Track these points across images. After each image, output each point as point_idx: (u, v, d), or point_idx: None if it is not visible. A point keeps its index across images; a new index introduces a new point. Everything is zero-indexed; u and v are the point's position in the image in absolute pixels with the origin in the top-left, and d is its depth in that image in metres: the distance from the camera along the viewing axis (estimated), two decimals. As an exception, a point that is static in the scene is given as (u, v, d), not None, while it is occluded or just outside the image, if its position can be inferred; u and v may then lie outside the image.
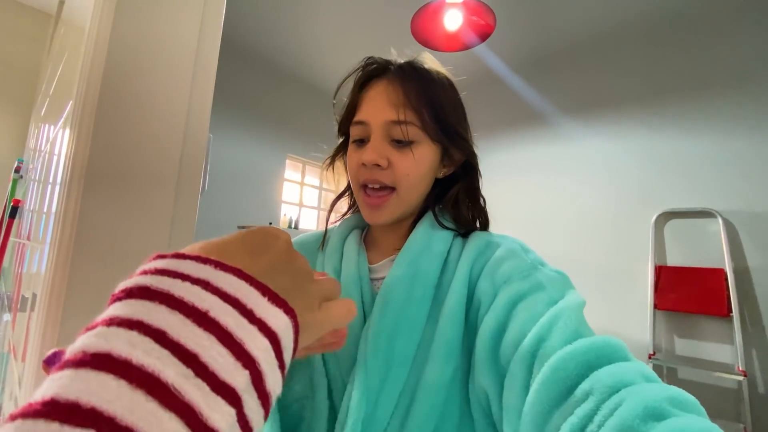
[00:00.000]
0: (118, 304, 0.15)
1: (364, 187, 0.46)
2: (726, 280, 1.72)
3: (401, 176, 0.44)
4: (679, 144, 1.97)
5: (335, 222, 0.56)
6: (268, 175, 2.83)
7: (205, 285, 0.16)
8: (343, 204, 0.57)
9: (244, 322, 0.16)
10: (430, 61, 0.49)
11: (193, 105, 0.76)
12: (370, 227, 0.54)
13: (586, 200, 2.24)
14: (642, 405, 0.23)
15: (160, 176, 0.70)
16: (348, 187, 0.55)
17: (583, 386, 0.27)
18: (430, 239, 0.45)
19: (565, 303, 0.34)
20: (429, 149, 0.46)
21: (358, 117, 0.47)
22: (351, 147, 0.49)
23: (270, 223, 2.74)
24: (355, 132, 0.47)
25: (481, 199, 0.51)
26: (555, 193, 2.34)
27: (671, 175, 1.97)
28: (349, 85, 0.51)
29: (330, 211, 0.55)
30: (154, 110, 0.69)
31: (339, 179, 0.55)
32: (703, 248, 1.84)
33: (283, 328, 0.18)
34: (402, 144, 0.45)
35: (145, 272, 0.17)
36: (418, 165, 0.45)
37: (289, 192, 3.05)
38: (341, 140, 0.53)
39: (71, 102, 0.68)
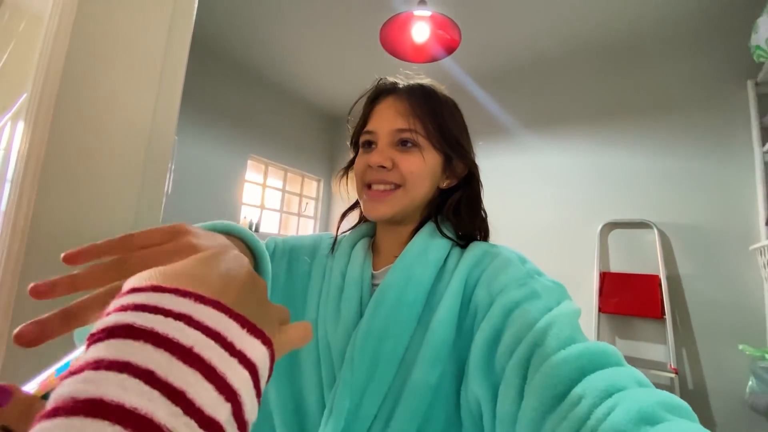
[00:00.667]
0: (101, 345, 0.15)
1: (368, 186, 0.49)
2: (660, 285, 1.89)
3: (407, 173, 0.47)
4: (622, 160, 2.15)
5: (346, 232, 0.58)
6: (228, 175, 2.73)
7: (188, 320, 0.16)
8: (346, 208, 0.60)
9: (226, 355, 0.16)
10: (434, 83, 0.53)
11: (160, 104, 0.73)
12: (377, 235, 0.56)
13: (541, 210, 2.37)
14: (635, 409, 0.23)
15: (122, 178, 0.66)
16: (356, 203, 0.57)
17: (577, 390, 0.27)
18: (427, 247, 0.47)
19: (559, 310, 0.36)
20: (432, 156, 0.49)
21: (367, 127, 0.51)
22: (359, 153, 0.52)
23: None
24: (364, 140, 0.51)
25: (482, 211, 0.54)
26: (513, 203, 2.46)
27: (615, 188, 2.15)
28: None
29: (340, 221, 0.57)
30: (118, 108, 0.66)
31: (351, 191, 0.57)
32: (641, 256, 2.02)
33: (261, 358, 0.18)
34: (407, 148, 0.48)
35: (123, 308, 0.16)
36: (423, 165, 0.48)
37: (250, 194, 2.96)
38: (354, 154, 0.56)
39: (25, 96, 0.63)
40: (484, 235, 0.53)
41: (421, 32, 1.84)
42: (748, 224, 1.74)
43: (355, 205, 0.59)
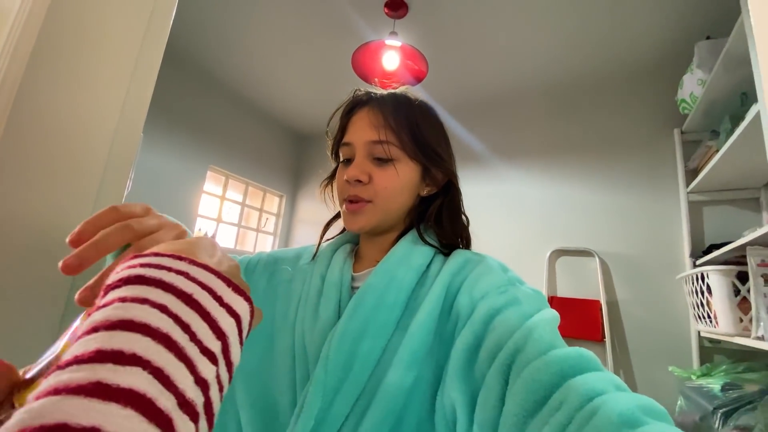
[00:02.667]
0: (120, 290, 0.18)
1: (348, 200, 0.50)
2: (600, 310, 2.03)
3: (380, 189, 0.48)
4: (570, 193, 2.32)
5: (330, 239, 0.59)
6: (185, 185, 2.63)
7: (186, 275, 0.20)
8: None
9: (216, 304, 0.21)
10: (409, 91, 0.55)
11: (129, 102, 0.71)
12: (360, 243, 0.56)
13: (496, 235, 2.49)
14: (616, 413, 0.24)
15: (81, 173, 0.63)
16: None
17: (557, 395, 0.27)
18: (411, 252, 0.48)
19: (539, 317, 0.37)
20: (408, 167, 0.50)
21: (344, 139, 0.52)
22: (340, 167, 0.53)
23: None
24: (343, 153, 0.52)
25: (463, 217, 0.56)
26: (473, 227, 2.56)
27: (563, 218, 2.31)
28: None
29: (324, 231, 0.58)
30: (84, 101, 0.64)
31: (336, 200, 0.58)
32: (584, 282, 2.16)
33: (243, 312, 0.23)
34: (383, 161, 0.49)
35: (132, 266, 0.20)
36: (397, 180, 0.49)
37: (207, 205, 2.86)
38: (335, 164, 0.57)
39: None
40: (467, 243, 0.55)
41: (391, 60, 1.93)
42: (676, 255, 1.93)
43: (339, 215, 0.59)
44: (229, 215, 3.07)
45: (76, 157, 0.61)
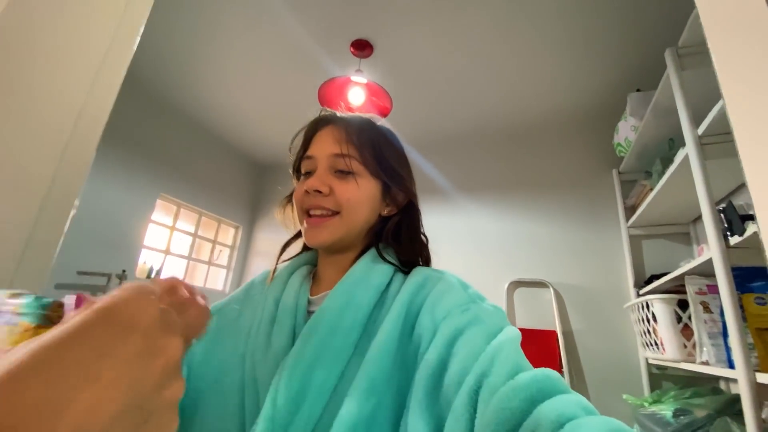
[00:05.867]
0: None
1: (308, 213, 0.48)
2: (557, 340, 2.09)
3: (343, 200, 0.47)
4: (525, 226, 2.45)
5: (286, 260, 0.56)
6: (131, 213, 2.44)
7: None
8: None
9: None
10: (372, 116, 0.57)
11: (83, 118, 0.66)
12: (318, 263, 0.54)
13: (459, 266, 2.52)
14: None
15: (25, 185, 0.57)
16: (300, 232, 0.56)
17: (528, 423, 0.27)
18: (369, 272, 0.46)
19: (504, 336, 0.36)
20: (369, 183, 0.50)
21: (307, 153, 0.51)
22: (300, 181, 0.52)
23: (123, 271, 2.31)
24: (304, 166, 0.51)
25: (423, 237, 0.55)
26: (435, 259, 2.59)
27: (520, 250, 2.40)
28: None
29: (281, 252, 0.55)
30: (39, 106, 0.58)
31: (296, 221, 0.55)
32: (541, 313, 2.23)
33: None
34: (343, 174, 0.49)
35: None
36: (357, 192, 0.48)
37: (154, 236, 2.66)
38: (296, 183, 0.55)
39: None
40: (426, 261, 0.54)
41: (356, 96, 1.98)
42: (621, 286, 2.06)
43: (298, 235, 0.57)
44: (179, 247, 2.88)
45: (21, 168, 0.55)
